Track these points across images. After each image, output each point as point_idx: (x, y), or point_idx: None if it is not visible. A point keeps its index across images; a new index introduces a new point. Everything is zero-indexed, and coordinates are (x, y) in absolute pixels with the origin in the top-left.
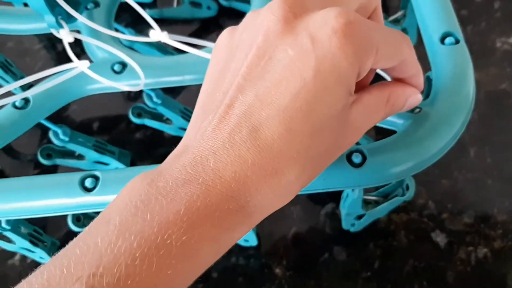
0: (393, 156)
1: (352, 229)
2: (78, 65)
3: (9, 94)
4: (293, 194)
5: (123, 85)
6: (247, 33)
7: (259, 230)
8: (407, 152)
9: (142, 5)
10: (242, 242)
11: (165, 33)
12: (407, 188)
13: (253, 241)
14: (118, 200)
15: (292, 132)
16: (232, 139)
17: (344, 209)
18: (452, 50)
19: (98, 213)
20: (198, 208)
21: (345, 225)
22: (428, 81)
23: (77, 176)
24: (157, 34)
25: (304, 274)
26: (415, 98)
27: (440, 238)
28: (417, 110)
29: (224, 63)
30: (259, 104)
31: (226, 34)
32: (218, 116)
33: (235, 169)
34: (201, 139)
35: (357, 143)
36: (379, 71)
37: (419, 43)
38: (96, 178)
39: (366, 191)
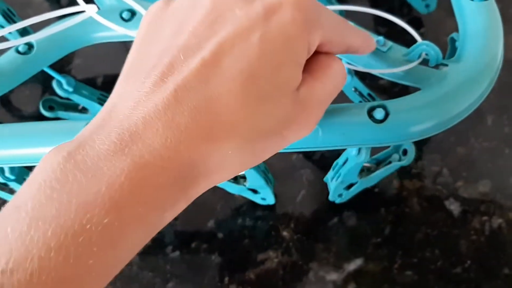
0: (417, 113)
1: (338, 200)
2: (86, 10)
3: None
4: (231, 169)
5: (134, 32)
6: None
7: (279, 191)
8: (432, 109)
9: None
10: (259, 200)
11: None
12: (405, 153)
13: (270, 200)
14: (31, 180)
15: (233, 96)
16: (167, 102)
17: (337, 177)
18: (481, 7)
19: None
20: (122, 185)
21: (332, 196)
22: (452, 42)
23: (82, 124)
24: None
25: (313, 238)
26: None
27: (454, 206)
28: (443, 67)
29: (160, 25)
30: (201, 66)
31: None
32: (154, 77)
33: (167, 135)
34: (130, 103)
35: (373, 99)
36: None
37: (439, 7)
38: None
39: None
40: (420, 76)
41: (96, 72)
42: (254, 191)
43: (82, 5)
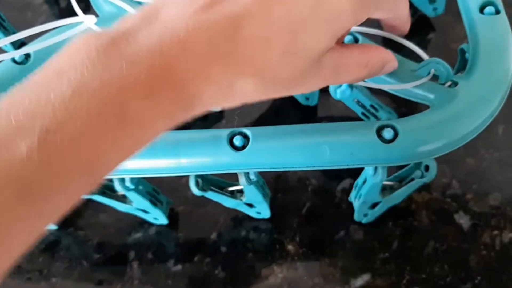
0: (427, 132)
1: (364, 220)
2: (84, 20)
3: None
4: (239, 97)
5: None
6: None
7: (271, 203)
8: (442, 129)
9: None
10: (254, 214)
11: None
12: (426, 169)
13: (265, 213)
14: (71, 53)
15: (268, 40)
16: (212, 24)
17: (359, 197)
18: (491, 21)
19: None
20: (159, 75)
21: (358, 216)
22: (462, 53)
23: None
24: None
25: (318, 252)
26: (392, 65)
27: (463, 220)
28: (453, 84)
29: None
30: (253, 3)
31: None
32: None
33: (202, 49)
34: (177, 11)
35: (376, 110)
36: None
37: (447, 11)
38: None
39: None
40: (430, 94)
41: None
42: (250, 205)
43: (80, 16)
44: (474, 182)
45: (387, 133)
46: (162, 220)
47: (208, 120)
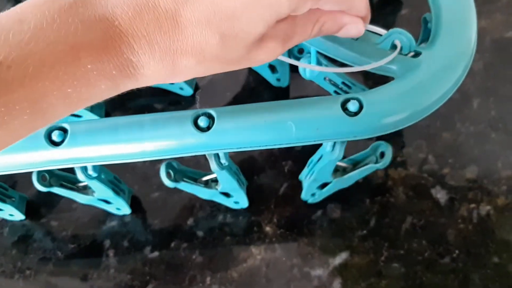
0: (391, 104)
1: (310, 200)
2: None
3: None
4: (177, 70)
5: None
6: None
7: (248, 187)
8: (406, 99)
9: None
10: (232, 205)
11: None
12: (382, 155)
13: (243, 203)
14: (35, 4)
15: (208, 23)
16: (158, 2)
17: (310, 175)
18: None
19: (62, 169)
20: (107, 43)
21: (305, 195)
22: (425, 23)
23: (43, 129)
24: None
25: (296, 232)
26: (356, 28)
27: (440, 195)
28: (415, 54)
29: None
30: None
31: None
32: None
33: (148, 27)
34: None
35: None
36: None
37: None
38: (64, 131)
39: None
40: (393, 65)
41: None
42: (227, 195)
43: None
44: (451, 156)
45: (352, 106)
46: (125, 210)
47: (181, 105)
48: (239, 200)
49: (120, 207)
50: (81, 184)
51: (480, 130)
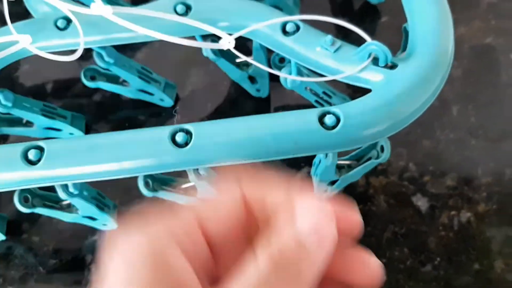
0: (369, 116)
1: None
2: (20, 40)
3: None
4: None
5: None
6: None
7: None
8: (384, 112)
9: None
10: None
11: (109, 7)
12: (382, 150)
13: (112, 225)
14: None
15: None
16: None
17: (316, 176)
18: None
19: (44, 189)
20: None
21: (317, 192)
22: (405, 32)
23: (19, 147)
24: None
25: None
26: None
27: (421, 202)
28: (392, 66)
29: None
30: None
31: None
32: None
33: None
34: None
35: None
36: None
37: None
38: (41, 150)
39: (338, 155)
40: (370, 77)
41: (45, 77)
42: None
43: (15, 36)
44: (431, 164)
45: (329, 120)
46: (111, 225)
47: (162, 116)
48: (107, 222)
49: (106, 222)
50: (64, 203)
51: (460, 137)
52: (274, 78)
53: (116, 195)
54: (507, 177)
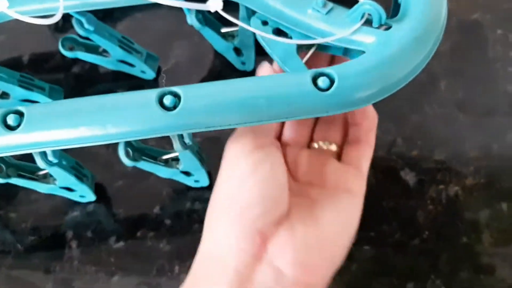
0: (363, 78)
1: None
2: None
3: None
4: None
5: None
6: None
7: (214, 171)
8: (377, 73)
9: None
10: (192, 183)
11: None
12: None
13: (204, 181)
14: None
15: None
16: None
17: None
18: None
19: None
20: None
21: None
22: None
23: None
24: None
25: None
26: None
27: (409, 177)
28: (386, 27)
29: None
30: None
31: None
32: None
33: None
34: None
35: None
36: None
37: None
38: (21, 115)
39: None
40: (364, 39)
41: (22, 50)
42: (187, 174)
43: None
44: (419, 139)
45: (323, 81)
46: (90, 196)
47: (144, 89)
48: (200, 178)
49: (84, 194)
50: (41, 173)
51: (447, 111)
52: (260, 52)
53: (97, 172)
54: (495, 152)
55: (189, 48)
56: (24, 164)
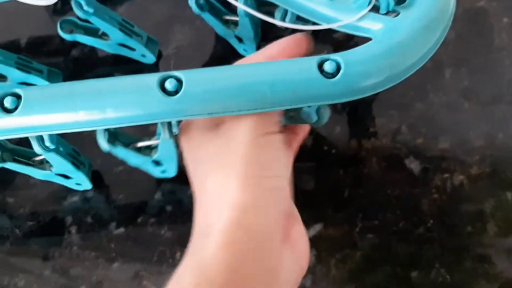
0: (370, 65)
1: None
2: None
3: None
4: None
5: None
6: None
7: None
8: (385, 60)
9: None
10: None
11: None
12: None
13: (171, 172)
14: None
15: None
16: None
17: None
18: None
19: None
20: None
21: None
22: None
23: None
24: None
25: None
26: None
27: (414, 165)
28: (394, 14)
29: None
30: None
31: None
32: None
33: None
34: None
35: None
36: None
37: None
38: (18, 97)
39: None
40: (371, 25)
41: (19, 34)
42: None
43: None
44: (423, 126)
45: (329, 67)
46: (86, 184)
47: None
48: (168, 169)
49: (80, 181)
50: (37, 159)
51: (452, 100)
52: (262, 40)
53: (96, 157)
54: (500, 140)
55: (191, 32)
56: (20, 149)
